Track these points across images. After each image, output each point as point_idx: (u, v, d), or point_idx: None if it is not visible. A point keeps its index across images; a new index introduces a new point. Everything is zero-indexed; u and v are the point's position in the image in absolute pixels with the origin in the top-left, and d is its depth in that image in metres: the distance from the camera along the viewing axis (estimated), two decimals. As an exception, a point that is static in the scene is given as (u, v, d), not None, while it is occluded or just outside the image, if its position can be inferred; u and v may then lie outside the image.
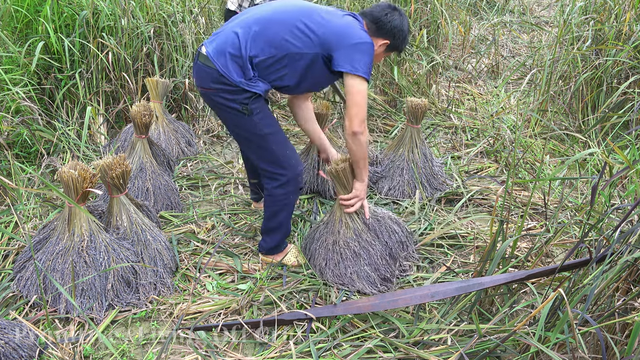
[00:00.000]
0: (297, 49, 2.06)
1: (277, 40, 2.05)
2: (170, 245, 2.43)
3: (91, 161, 3.19)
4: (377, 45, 2.18)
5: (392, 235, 2.40)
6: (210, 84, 2.11)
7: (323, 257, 2.33)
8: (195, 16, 4.06)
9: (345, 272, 2.29)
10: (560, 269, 1.81)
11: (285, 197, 2.29)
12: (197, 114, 3.93)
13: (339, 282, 2.29)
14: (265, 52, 2.06)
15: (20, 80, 3.12)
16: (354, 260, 2.29)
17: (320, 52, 2.08)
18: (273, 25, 2.07)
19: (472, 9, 6.38)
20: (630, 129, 2.18)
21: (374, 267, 2.30)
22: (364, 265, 2.28)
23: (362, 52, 2.06)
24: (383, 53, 2.26)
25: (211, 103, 2.20)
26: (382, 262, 2.31)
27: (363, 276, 2.28)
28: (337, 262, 2.30)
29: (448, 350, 1.91)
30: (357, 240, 2.31)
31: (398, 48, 2.25)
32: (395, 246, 2.39)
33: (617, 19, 3.85)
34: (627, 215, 1.59)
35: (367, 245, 2.31)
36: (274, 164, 2.22)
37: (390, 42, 2.20)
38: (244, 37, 2.06)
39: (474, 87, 4.74)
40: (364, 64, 2.05)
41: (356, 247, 2.29)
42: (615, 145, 1.74)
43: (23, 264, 2.23)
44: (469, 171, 3.36)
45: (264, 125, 2.16)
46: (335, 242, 2.32)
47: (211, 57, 2.08)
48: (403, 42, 2.24)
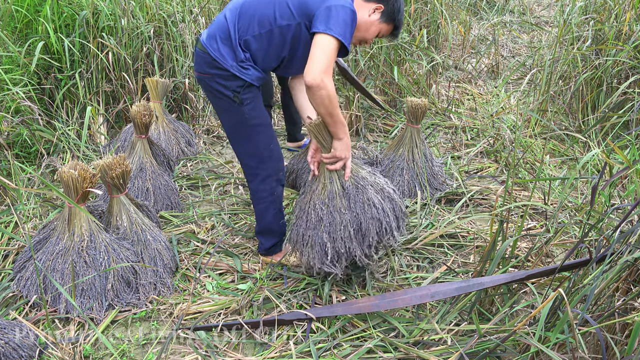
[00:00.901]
0: (281, 21, 2.05)
1: (262, 17, 2.05)
2: (170, 245, 2.43)
3: (91, 161, 3.19)
4: (371, 11, 2.10)
5: (367, 208, 2.11)
6: (205, 68, 2.15)
7: (297, 215, 2.21)
8: (195, 16, 4.06)
9: (303, 235, 2.15)
10: (560, 269, 1.81)
11: (269, 194, 2.31)
12: (197, 114, 3.93)
13: (293, 243, 2.19)
14: (250, 30, 2.07)
15: (20, 80, 3.12)
16: (316, 224, 2.12)
17: (301, 20, 2.04)
18: (258, 4, 2.07)
19: (472, 9, 6.38)
20: (630, 129, 2.18)
21: (332, 238, 2.10)
22: (322, 232, 2.10)
23: (338, 14, 1.95)
24: (379, 24, 2.13)
25: (206, 88, 2.22)
26: (342, 235, 2.09)
27: (317, 244, 2.11)
28: (302, 223, 2.16)
29: (448, 350, 1.91)
30: (326, 204, 2.12)
31: (393, 19, 2.13)
32: (367, 222, 2.11)
33: (617, 19, 3.85)
34: (627, 215, 1.59)
35: (334, 211, 2.10)
36: (256, 157, 2.24)
37: (385, 7, 2.10)
38: (232, 19, 2.10)
39: (474, 87, 4.74)
40: (339, 27, 1.94)
41: (321, 211, 2.11)
42: (615, 145, 1.74)
43: (23, 264, 2.23)
44: (469, 171, 3.36)
45: (253, 117, 2.17)
46: (309, 201, 2.17)
47: (204, 43, 2.14)
48: (398, 13, 2.13)
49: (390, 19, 2.15)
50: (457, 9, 5.36)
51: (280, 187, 2.34)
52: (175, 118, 3.71)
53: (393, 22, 2.16)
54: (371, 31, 2.16)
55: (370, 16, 2.11)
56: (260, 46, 2.09)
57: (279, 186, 2.33)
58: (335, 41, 1.94)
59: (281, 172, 2.31)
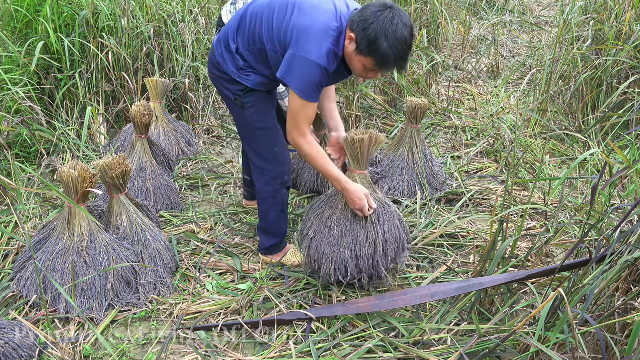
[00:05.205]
0: (267, 44, 2.01)
1: (255, 35, 2.04)
2: (170, 245, 2.43)
3: (91, 161, 3.19)
4: (347, 41, 1.87)
5: (392, 229, 2.19)
6: (213, 70, 2.21)
7: (314, 230, 2.22)
8: (195, 16, 4.06)
9: (324, 251, 2.17)
10: (560, 269, 1.81)
11: (273, 195, 2.31)
12: (197, 114, 3.93)
13: (313, 258, 2.21)
14: (245, 44, 2.08)
15: (20, 80, 3.12)
16: (338, 240, 2.15)
17: (282, 50, 1.96)
18: (255, 19, 2.04)
19: (472, 9, 6.37)
20: (630, 129, 2.18)
21: (354, 255, 2.14)
22: (344, 249, 2.14)
23: (295, 68, 1.87)
24: (356, 56, 1.86)
25: (216, 88, 2.28)
26: (366, 252, 2.13)
27: (338, 260, 2.14)
28: (322, 237, 2.18)
29: (448, 350, 1.91)
30: (350, 221, 2.15)
31: (369, 50, 1.81)
32: (390, 240, 2.18)
33: (617, 19, 3.85)
34: (627, 215, 1.59)
35: (358, 228, 2.14)
36: (262, 158, 2.26)
37: (355, 36, 1.82)
38: (233, 28, 2.12)
39: (474, 87, 4.74)
40: (298, 82, 1.88)
41: (345, 228, 2.14)
42: (615, 145, 1.74)
43: (23, 264, 2.23)
44: (469, 171, 3.36)
45: (255, 120, 2.18)
46: (330, 216, 2.20)
47: (213, 45, 2.20)
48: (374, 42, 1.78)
49: (365, 51, 1.82)
50: (457, 9, 5.36)
51: (285, 190, 2.34)
52: (175, 118, 3.71)
53: (370, 54, 1.82)
54: (353, 64, 1.92)
55: (347, 47, 1.89)
56: (255, 58, 2.09)
57: (283, 189, 2.32)
58: (299, 99, 1.91)
59: (286, 175, 2.30)
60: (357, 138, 2.11)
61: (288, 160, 2.31)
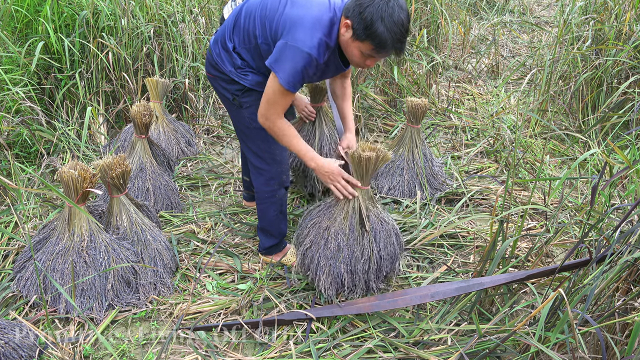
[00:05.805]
0: (260, 39, 2.01)
1: (249, 32, 2.05)
2: (170, 245, 2.43)
3: (91, 161, 3.19)
4: (343, 28, 1.85)
5: (388, 246, 2.18)
6: (210, 70, 2.21)
7: (311, 239, 2.20)
8: (195, 16, 4.06)
9: (318, 262, 2.16)
10: (560, 269, 1.81)
11: (271, 195, 2.32)
12: (197, 114, 3.93)
13: (306, 269, 2.21)
14: (241, 43, 2.09)
15: (20, 80, 3.12)
16: (334, 253, 2.13)
17: (273, 44, 1.97)
18: (249, 17, 2.05)
19: (472, 9, 6.37)
20: (630, 129, 2.18)
21: (349, 270, 2.14)
22: (340, 263, 2.13)
23: (287, 57, 1.86)
24: (352, 42, 1.85)
25: (214, 88, 2.28)
26: (361, 268, 2.13)
27: (332, 273, 2.14)
28: (318, 249, 2.17)
29: (448, 350, 1.91)
30: (347, 235, 2.13)
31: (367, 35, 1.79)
32: (385, 256, 2.17)
33: (617, 19, 3.85)
34: (627, 215, 1.59)
35: (354, 243, 2.13)
36: (259, 158, 2.26)
37: (351, 22, 1.80)
38: (229, 27, 2.12)
39: (474, 87, 4.74)
40: (285, 71, 1.86)
41: (342, 242, 2.13)
42: (615, 145, 1.74)
43: (23, 264, 2.23)
44: (469, 171, 3.36)
45: (254, 120, 2.17)
46: (328, 228, 2.17)
47: (210, 45, 2.20)
48: (371, 26, 1.77)
49: (362, 36, 1.80)
50: (457, 9, 5.36)
51: (283, 190, 2.34)
52: (175, 118, 3.71)
53: (367, 38, 1.80)
54: (350, 52, 1.90)
55: (344, 34, 1.87)
56: (252, 56, 2.09)
57: (281, 189, 2.32)
58: (281, 87, 1.89)
59: (284, 175, 2.31)
60: (364, 156, 2.05)
61: (286, 160, 2.31)
